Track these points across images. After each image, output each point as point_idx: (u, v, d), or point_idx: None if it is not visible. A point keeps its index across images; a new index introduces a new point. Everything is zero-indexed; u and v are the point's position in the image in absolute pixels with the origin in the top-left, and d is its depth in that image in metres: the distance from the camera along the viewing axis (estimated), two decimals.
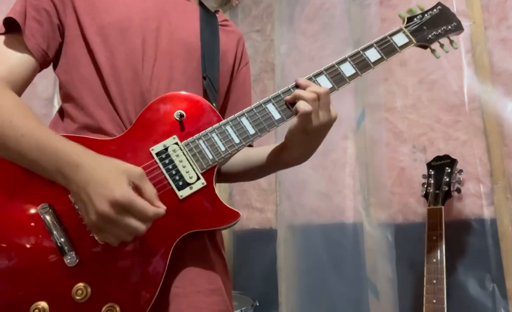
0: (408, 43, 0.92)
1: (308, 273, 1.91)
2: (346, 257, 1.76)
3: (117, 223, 0.64)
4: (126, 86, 0.81)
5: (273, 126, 0.81)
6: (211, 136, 0.79)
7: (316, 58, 2.00)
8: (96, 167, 0.66)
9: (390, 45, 0.90)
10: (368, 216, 1.69)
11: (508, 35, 1.39)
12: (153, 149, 0.76)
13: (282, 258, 1.99)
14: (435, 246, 1.28)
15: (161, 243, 0.73)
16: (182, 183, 0.75)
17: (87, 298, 0.69)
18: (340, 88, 0.84)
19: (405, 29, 0.93)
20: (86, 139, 0.77)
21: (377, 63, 0.88)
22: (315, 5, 2.07)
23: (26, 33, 0.79)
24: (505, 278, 1.29)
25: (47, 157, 0.69)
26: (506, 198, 1.33)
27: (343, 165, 1.83)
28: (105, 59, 0.81)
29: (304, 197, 1.94)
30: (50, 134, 0.71)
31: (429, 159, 1.46)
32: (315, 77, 0.84)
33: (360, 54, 0.87)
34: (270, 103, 0.82)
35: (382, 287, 1.60)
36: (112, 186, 0.64)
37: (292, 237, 1.98)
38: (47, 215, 0.70)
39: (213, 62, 0.92)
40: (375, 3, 1.78)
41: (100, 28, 0.82)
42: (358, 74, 0.86)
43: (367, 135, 1.74)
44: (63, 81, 0.84)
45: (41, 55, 0.81)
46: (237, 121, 0.80)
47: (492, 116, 1.39)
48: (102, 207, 0.63)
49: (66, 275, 0.69)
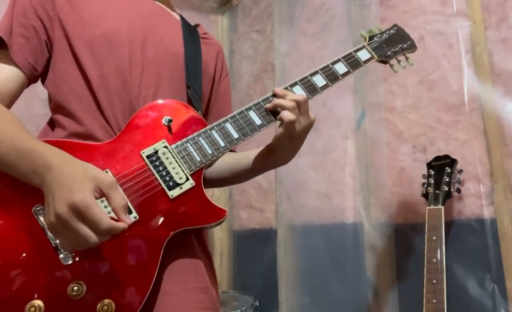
0: (371, 58, 1.02)
1: (308, 273, 1.91)
2: (346, 257, 1.76)
3: (70, 228, 0.62)
4: (115, 95, 0.84)
5: (255, 131, 0.87)
6: (198, 140, 0.84)
7: (316, 58, 2.00)
8: (65, 169, 0.66)
9: (355, 60, 0.99)
10: (368, 216, 1.69)
11: (508, 35, 1.39)
12: (143, 152, 0.80)
13: (282, 258, 1.99)
14: (435, 246, 1.28)
15: (153, 241, 0.76)
16: (173, 183, 0.79)
17: (82, 295, 0.70)
18: (313, 97, 0.92)
19: (367, 46, 1.03)
20: (77, 143, 0.79)
21: (345, 75, 0.97)
22: (315, 5, 2.07)
23: (14, 48, 0.81)
24: (505, 278, 1.29)
25: (24, 160, 0.69)
26: (506, 198, 1.33)
27: (343, 165, 1.83)
28: (93, 70, 0.84)
29: (304, 197, 1.94)
30: (29, 138, 0.72)
31: (429, 159, 1.46)
32: (291, 87, 0.91)
33: (329, 67, 0.96)
34: (251, 110, 0.88)
35: (382, 287, 1.61)
36: (74, 189, 0.63)
37: (292, 237, 1.98)
38: (41, 216, 0.71)
39: (196, 72, 0.98)
40: (375, 3, 1.78)
41: (88, 41, 0.85)
42: (329, 85, 0.94)
43: (367, 135, 1.74)
44: (53, 93, 0.86)
45: (29, 69, 0.83)
46: (221, 126, 0.86)
47: (492, 116, 1.39)
48: (59, 208, 0.62)
49: (61, 273, 0.70)
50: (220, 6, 2.74)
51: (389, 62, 1.06)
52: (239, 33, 2.62)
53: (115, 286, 0.72)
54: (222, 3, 2.73)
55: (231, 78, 2.53)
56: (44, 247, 0.71)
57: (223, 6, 2.73)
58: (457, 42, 1.51)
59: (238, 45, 2.61)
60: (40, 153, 0.68)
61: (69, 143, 0.78)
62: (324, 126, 1.89)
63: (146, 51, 0.89)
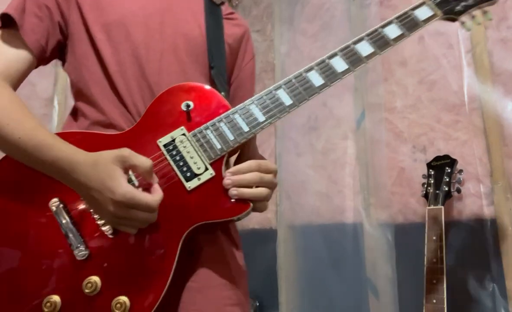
0: (433, 16, 0.85)
1: (308, 273, 1.91)
2: (346, 257, 1.76)
3: (127, 219, 0.67)
4: (133, 82, 0.81)
5: (284, 112, 0.78)
6: (219, 125, 0.77)
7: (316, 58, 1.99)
8: (90, 172, 0.67)
9: (412, 20, 0.85)
10: (368, 216, 1.69)
11: (508, 35, 1.39)
12: (160, 141, 0.75)
13: (282, 258, 1.99)
14: (435, 246, 1.28)
15: (170, 236, 0.72)
16: (190, 174, 0.74)
17: (97, 292, 0.69)
18: (356, 69, 0.83)
19: (429, 1, 0.86)
20: (95, 134, 0.77)
21: (398, 39, 0.84)
22: (315, 5, 2.07)
23: (25, 28, 0.78)
24: (505, 278, 1.29)
25: (43, 159, 0.69)
26: (506, 198, 1.33)
27: (343, 165, 1.83)
28: (110, 56, 0.82)
29: (304, 197, 1.94)
30: (46, 135, 0.71)
31: (429, 159, 1.46)
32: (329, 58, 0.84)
33: (378, 32, 0.84)
34: (280, 88, 0.79)
35: (382, 287, 1.60)
36: (111, 187, 0.65)
37: (292, 237, 1.98)
38: (58, 209, 0.71)
39: (220, 52, 0.91)
40: (375, 3, 1.78)
41: (104, 25, 0.82)
42: (377, 53, 0.84)
43: (367, 135, 1.74)
44: (73, 79, 0.85)
45: (39, 51, 0.80)
46: (246, 109, 0.78)
47: (492, 116, 1.39)
48: (111, 209, 0.65)
49: (76, 268, 0.70)
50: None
51: (458, 19, 0.89)
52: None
53: (130, 283, 0.70)
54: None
55: None
56: (60, 243, 0.71)
57: None
58: (457, 42, 1.51)
59: None
60: (57, 158, 0.69)
61: (89, 135, 0.77)
62: (324, 126, 1.89)
63: (165, 34, 0.85)
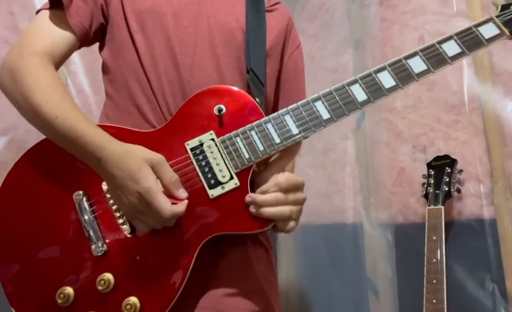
0: (499, 35, 0.77)
1: (308, 273, 1.91)
2: (346, 257, 1.76)
3: (146, 214, 0.66)
4: (164, 77, 0.79)
5: (319, 127, 0.73)
6: (250, 133, 0.73)
7: (316, 58, 2.00)
8: (118, 160, 0.67)
9: (475, 38, 0.76)
10: (368, 216, 1.69)
11: None
12: (188, 144, 0.73)
13: (282, 258, 1.99)
14: (435, 246, 1.28)
15: (187, 243, 0.71)
16: (214, 181, 0.71)
17: (109, 289, 0.69)
18: (404, 87, 0.75)
19: (496, 19, 0.77)
20: (126, 130, 0.77)
21: (456, 58, 0.75)
22: (315, 5, 2.07)
23: (71, 10, 0.78)
24: (505, 278, 1.29)
25: (75, 144, 0.69)
26: (506, 198, 1.33)
27: (343, 165, 1.83)
28: (144, 48, 0.80)
29: None
30: (81, 119, 0.71)
31: (429, 159, 1.46)
32: (375, 73, 0.75)
33: (435, 47, 0.75)
34: (319, 100, 0.74)
35: (382, 287, 1.60)
36: (137, 178, 0.64)
37: (292, 237, 1.98)
38: (81, 203, 0.71)
39: (259, 53, 0.86)
40: (375, 3, 1.78)
41: (138, 13, 0.81)
42: (430, 71, 0.75)
43: (367, 135, 1.74)
44: (110, 65, 0.84)
45: (82, 33, 0.80)
46: (280, 119, 0.73)
47: (492, 116, 1.39)
48: (132, 199, 0.65)
49: (92, 264, 0.70)
50: None
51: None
52: None
53: (143, 285, 0.69)
54: None
55: None
56: (79, 236, 0.71)
57: None
58: None
59: None
60: (89, 140, 0.68)
61: (120, 130, 0.76)
62: None
63: (199, 26, 0.81)
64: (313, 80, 1.96)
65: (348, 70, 1.84)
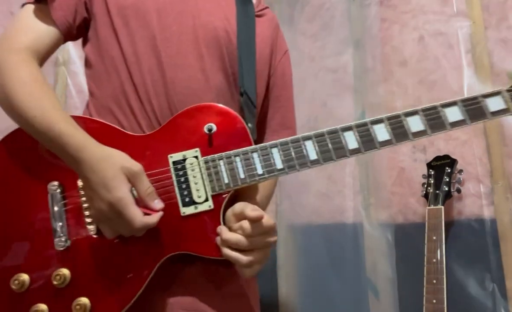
0: (505, 110, 0.73)
1: (308, 273, 1.91)
2: (346, 257, 1.76)
3: (111, 222, 0.66)
4: (148, 75, 0.78)
5: (305, 166, 0.72)
6: (234, 159, 0.72)
7: (316, 58, 2.00)
8: (95, 164, 0.66)
9: (479, 108, 0.73)
10: (368, 216, 1.69)
11: (508, 35, 1.39)
12: (171, 157, 0.73)
13: (282, 258, 1.99)
14: (435, 246, 1.28)
15: (150, 254, 0.71)
16: (189, 200, 0.71)
17: (64, 286, 0.69)
18: (398, 143, 0.73)
19: (506, 93, 0.74)
20: (113, 129, 0.76)
21: (456, 125, 0.73)
22: (315, 5, 2.07)
23: (55, 4, 0.78)
24: (505, 278, 1.29)
25: (54, 143, 0.69)
26: (506, 198, 1.33)
27: (343, 165, 1.83)
28: (127, 44, 0.79)
29: (304, 197, 1.94)
30: (60, 118, 0.70)
31: (429, 159, 1.46)
32: (372, 124, 0.73)
33: (436, 110, 0.74)
34: (310, 140, 0.73)
35: (382, 287, 1.60)
36: (110, 187, 0.65)
37: (292, 237, 1.98)
38: (54, 193, 0.71)
39: (250, 71, 0.85)
40: (375, 3, 1.78)
41: (121, 9, 0.80)
42: (426, 133, 0.73)
43: None
44: (93, 60, 0.82)
45: (66, 27, 0.80)
46: (267, 151, 0.73)
47: None
48: (101, 206, 0.65)
49: (52, 257, 0.70)
50: None
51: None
52: None
53: (98, 287, 0.69)
54: None
55: None
56: (46, 226, 0.71)
57: None
58: (457, 42, 1.51)
59: None
60: (68, 141, 0.68)
61: (106, 127, 0.75)
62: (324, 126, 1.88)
63: (184, 25, 0.80)
64: (313, 80, 1.96)
65: (348, 70, 1.83)
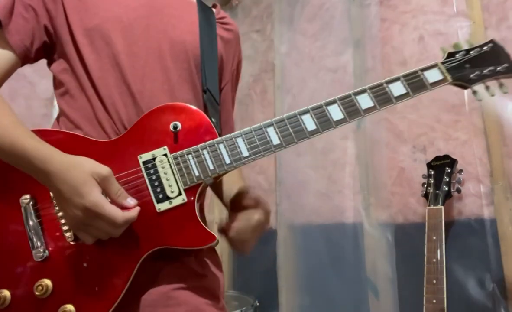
0: (442, 80, 0.82)
1: (308, 273, 1.91)
2: (346, 257, 1.76)
3: (90, 227, 0.67)
4: (114, 89, 0.81)
5: (269, 151, 0.77)
6: (202, 152, 0.76)
7: (316, 58, 2.00)
8: (64, 173, 0.67)
9: (419, 81, 0.81)
10: (368, 216, 1.69)
11: (508, 35, 1.39)
12: (141, 157, 0.75)
13: (282, 258, 1.99)
14: (435, 246, 1.28)
15: (129, 254, 0.72)
16: (162, 196, 0.73)
17: (46, 296, 0.69)
18: (351, 121, 0.78)
19: (441, 65, 0.83)
20: (78, 137, 0.77)
21: (401, 98, 0.80)
22: (315, 5, 2.07)
23: (10, 28, 0.78)
24: (505, 278, 1.29)
25: (19, 160, 0.70)
26: (506, 198, 1.33)
27: (343, 165, 1.83)
28: (93, 62, 0.81)
29: (304, 197, 1.94)
30: (23, 135, 0.71)
31: (429, 159, 1.46)
32: (326, 106, 0.79)
33: (382, 86, 0.80)
34: (271, 126, 0.78)
35: (382, 287, 1.60)
36: (82, 193, 0.65)
37: (292, 237, 1.98)
38: (27, 207, 0.72)
39: (213, 72, 0.90)
40: (375, 3, 1.78)
41: (86, 30, 0.82)
42: (376, 108, 0.79)
43: (367, 135, 1.74)
44: (62, 80, 0.84)
45: (23, 51, 0.80)
46: (232, 141, 0.77)
47: (492, 116, 1.39)
48: (76, 213, 0.66)
49: (32, 269, 0.70)
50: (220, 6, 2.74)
51: (471, 88, 0.85)
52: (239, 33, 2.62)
53: (81, 292, 0.70)
54: (222, 3, 2.73)
55: None
56: (22, 240, 0.71)
57: (223, 6, 2.74)
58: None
59: None
60: (33, 155, 0.69)
61: (71, 136, 0.77)
62: None
63: (150, 40, 0.84)
64: (313, 80, 1.96)
65: (348, 70, 1.83)
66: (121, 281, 0.70)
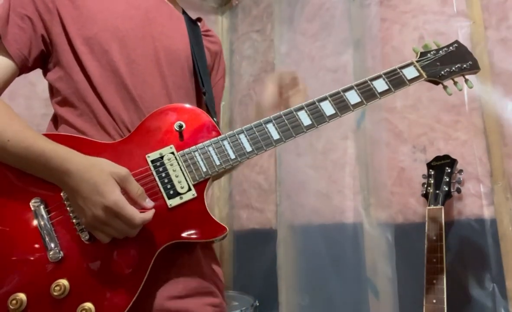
0: (418, 77, 0.93)
1: (308, 273, 1.91)
2: (346, 257, 1.76)
3: (108, 226, 0.69)
4: (115, 94, 0.83)
5: (270, 146, 0.82)
6: (207, 149, 0.80)
7: (316, 58, 2.00)
8: (84, 173, 0.69)
9: (399, 77, 0.91)
10: (368, 216, 1.69)
11: (508, 35, 1.39)
12: (149, 156, 0.78)
13: (282, 258, 1.99)
14: (435, 246, 1.28)
15: (144, 250, 0.74)
16: (173, 192, 0.76)
17: (64, 295, 0.69)
18: (343, 115, 0.86)
19: (416, 63, 0.94)
20: (86, 140, 0.78)
21: (384, 93, 0.89)
22: (315, 5, 2.07)
23: (8, 38, 0.80)
24: (505, 278, 1.29)
25: (36, 162, 0.71)
26: (506, 198, 1.33)
27: (343, 165, 1.83)
28: (93, 68, 0.83)
29: (304, 197, 1.94)
30: (36, 137, 0.73)
31: (429, 159, 1.46)
32: (319, 102, 0.86)
33: (367, 83, 0.88)
34: (270, 123, 0.83)
35: (382, 287, 1.60)
36: (103, 192, 0.67)
37: (292, 237, 1.98)
38: (38, 209, 0.72)
39: (207, 77, 0.95)
40: (375, 3, 1.78)
41: (85, 39, 0.84)
42: (363, 103, 0.87)
43: (367, 135, 1.74)
44: (59, 88, 0.85)
45: (21, 60, 0.82)
46: (235, 137, 0.81)
47: (492, 116, 1.39)
48: (96, 212, 0.68)
49: (48, 270, 0.70)
50: (220, 6, 2.73)
51: (442, 83, 0.96)
52: (239, 33, 2.62)
53: (99, 290, 0.71)
54: (222, 3, 2.73)
55: (231, 78, 2.54)
56: (36, 242, 0.71)
57: (223, 6, 2.73)
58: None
59: (238, 45, 2.61)
60: (51, 155, 0.71)
61: (78, 139, 0.78)
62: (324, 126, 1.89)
63: (146, 48, 0.88)
64: (313, 80, 1.96)
65: (348, 70, 1.83)
66: (138, 276, 0.72)
